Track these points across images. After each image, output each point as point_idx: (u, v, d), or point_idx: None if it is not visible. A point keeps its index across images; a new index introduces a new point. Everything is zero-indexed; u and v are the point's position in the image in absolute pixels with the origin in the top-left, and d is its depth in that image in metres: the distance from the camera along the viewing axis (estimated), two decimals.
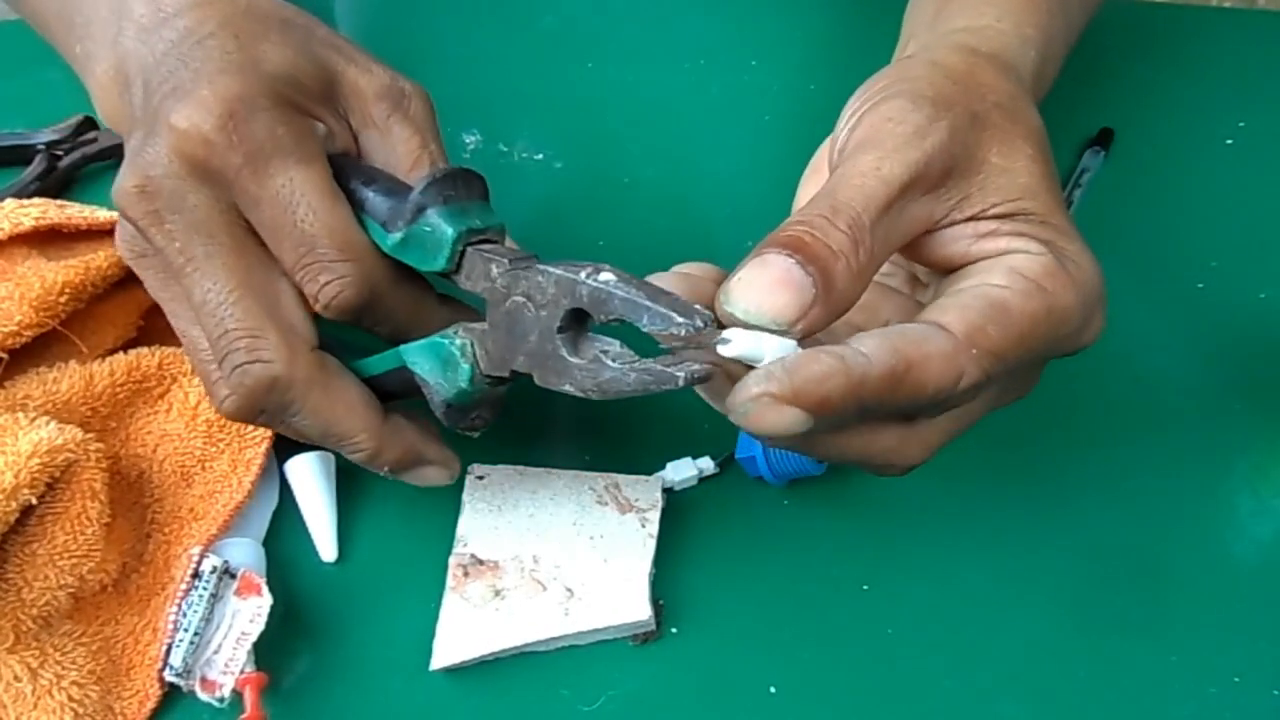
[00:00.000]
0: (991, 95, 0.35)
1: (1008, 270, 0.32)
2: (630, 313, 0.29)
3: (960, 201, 0.33)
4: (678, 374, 0.29)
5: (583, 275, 0.30)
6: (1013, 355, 0.31)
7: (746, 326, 0.30)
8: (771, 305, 0.29)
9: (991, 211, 0.33)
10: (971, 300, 0.31)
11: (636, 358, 0.30)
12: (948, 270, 0.34)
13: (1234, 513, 0.44)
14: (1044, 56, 0.42)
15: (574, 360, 0.31)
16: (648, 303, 0.29)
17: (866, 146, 0.32)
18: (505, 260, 0.33)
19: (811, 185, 0.40)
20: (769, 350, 0.29)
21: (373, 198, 0.35)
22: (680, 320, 0.28)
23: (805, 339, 0.30)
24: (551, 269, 0.31)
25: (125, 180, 0.35)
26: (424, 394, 0.36)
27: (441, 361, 0.35)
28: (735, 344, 0.29)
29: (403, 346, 0.36)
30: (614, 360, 0.30)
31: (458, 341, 0.35)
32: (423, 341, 0.36)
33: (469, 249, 0.34)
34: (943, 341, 0.30)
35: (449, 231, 0.34)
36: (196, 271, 0.35)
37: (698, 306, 0.29)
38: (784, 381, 0.28)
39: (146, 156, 0.35)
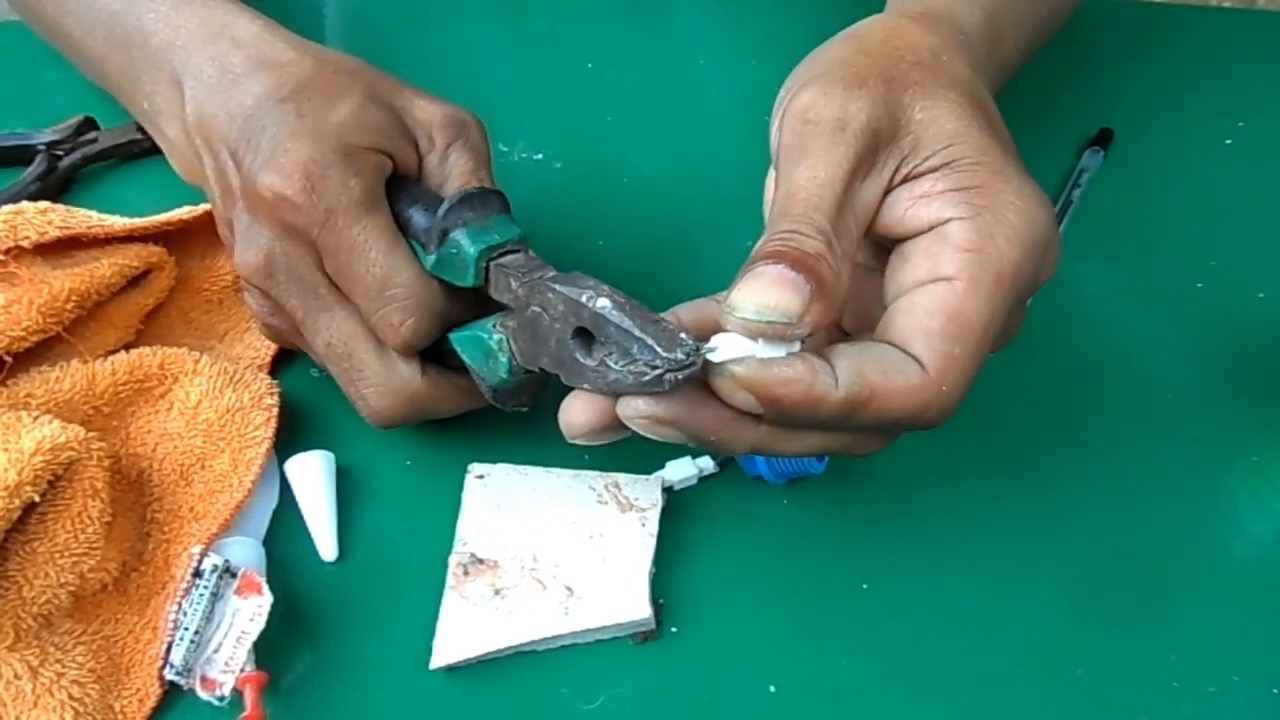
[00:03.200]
0: (910, 55, 0.36)
1: (952, 252, 0.33)
2: (622, 340, 0.32)
3: (897, 166, 0.34)
4: (666, 377, 0.31)
5: (583, 299, 0.33)
6: (980, 356, 0.33)
7: (749, 330, 0.31)
8: (777, 300, 0.31)
9: (924, 167, 0.34)
10: (931, 320, 0.32)
11: (634, 359, 0.32)
12: (896, 239, 0.35)
13: (1234, 513, 0.44)
14: (994, 15, 0.42)
15: (587, 363, 0.33)
16: (637, 333, 0.31)
17: (795, 156, 0.34)
18: (521, 274, 0.36)
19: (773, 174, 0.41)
20: (762, 353, 0.31)
21: (415, 219, 0.39)
22: (663, 354, 0.31)
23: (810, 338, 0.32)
24: (560, 288, 0.34)
25: (244, 255, 0.40)
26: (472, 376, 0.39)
27: (483, 354, 0.38)
28: (722, 349, 0.31)
29: (453, 335, 0.39)
30: (616, 364, 0.32)
31: (495, 336, 0.38)
32: (467, 332, 0.39)
33: (491, 265, 0.37)
34: (912, 375, 0.32)
35: (470, 251, 0.37)
36: (314, 325, 0.40)
37: (683, 336, 0.31)
38: (749, 370, 0.31)
39: (255, 231, 0.39)
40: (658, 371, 0.31)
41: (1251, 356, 0.48)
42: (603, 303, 0.32)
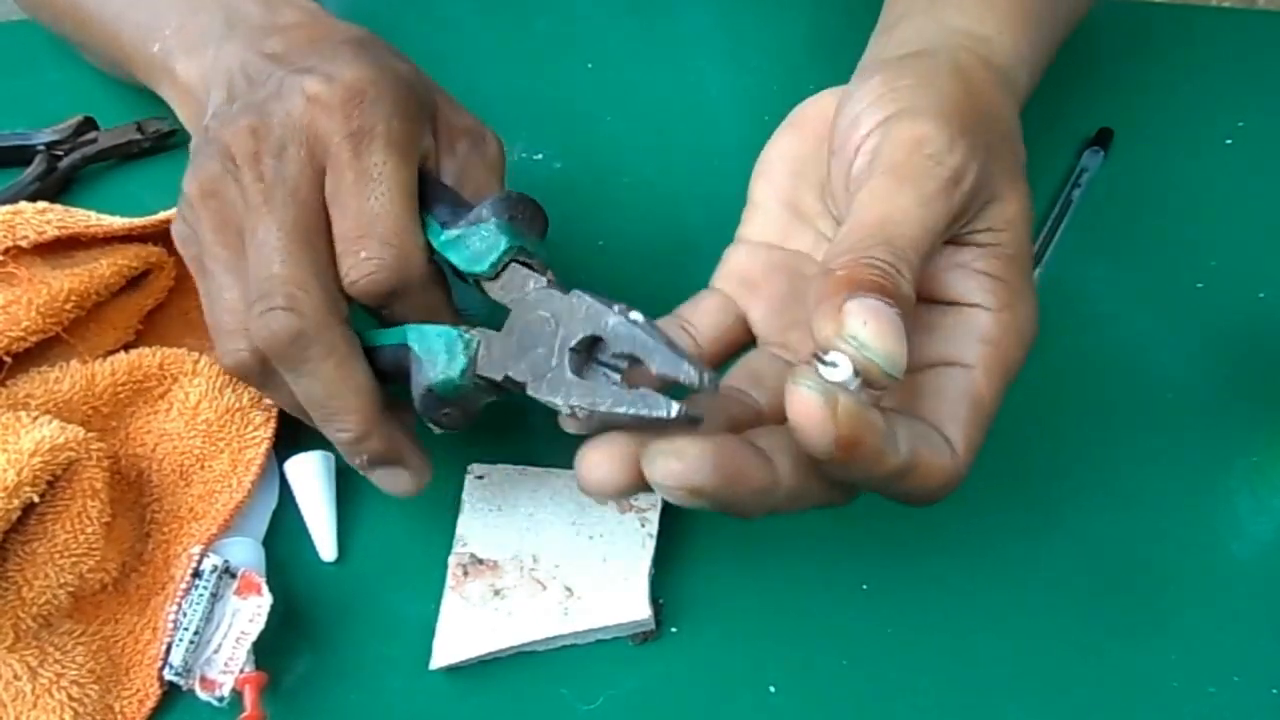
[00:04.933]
0: (1000, 124, 0.37)
1: (975, 341, 0.35)
2: (645, 352, 0.31)
3: (961, 225, 0.35)
4: (672, 404, 0.30)
5: (615, 309, 0.32)
6: (986, 435, 0.35)
7: (867, 371, 0.30)
8: (901, 355, 0.30)
9: (975, 238, 0.35)
10: (959, 407, 0.34)
11: (636, 388, 0.31)
12: (919, 290, 0.35)
13: (1234, 513, 0.44)
14: (1031, 80, 0.44)
15: (571, 377, 0.32)
16: (665, 347, 0.30)
17: (905, 184, 0.33)
18: (544, 280, 0.35)
19: (787, 139, 0.41)
20: (854, 386, 0.30)
21: (439, 204, 0.37)
22: (689, 369, 0.30)
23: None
24: (588, 296, 0.33)
25: (240, 117, 0.37)
26: (411, 377, 0.36)
27: (445, 346, 0.36)
28: (841, 369, 0.30)
29: (411, 328, 0.37)
30: (614, 383, 0.31)
31: (466, 335, 0.36)
32: (435, 327, 0.36)
33: (513, 263, 0.36)
34: (947, 459, 0.33)
35: (503, 240, 0.36)
36: (270, 214, 0.36)
37: (707, 371, 0.30)
38: (855, 404, 0.29)
39: (269, 106, 0.37)
40: (670, 406, 0.29)
41: (1251, 356, 0.48)
42: (636, 316, 0.32)
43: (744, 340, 0.39)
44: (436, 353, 0.36)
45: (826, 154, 0.37)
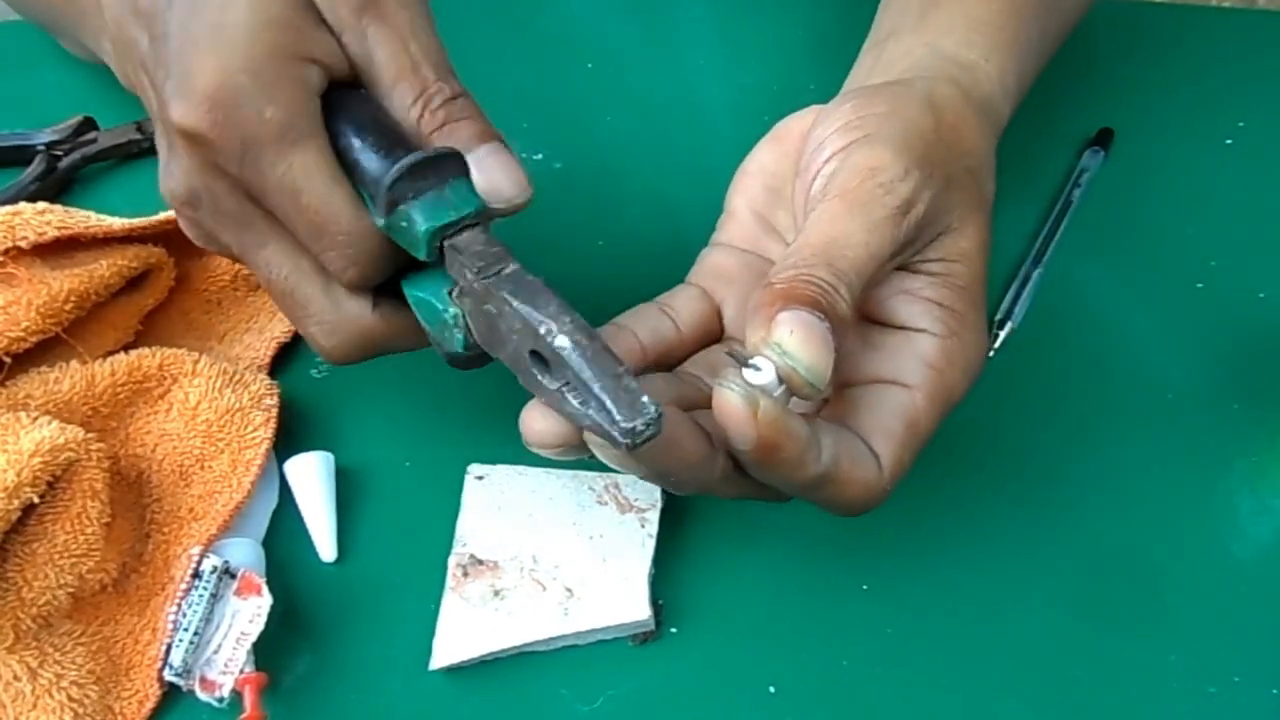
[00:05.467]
0: (967, 159, 0.38)
1: (918, 364, 0.35)
2: (580, 390, 0.29)
3: (912, 253, 0.36)
4: (624, 431, 0.29)
5: (541, 330, 0.30)
6: (915, 458, 0.35)
7: (789, 379, 0.31)
8: (824, 367, 0.31)
9: (925, 267, 0.36)
10: (894, 423, 0.35)
11: (596, 395, 0.29)
12: (866, 312, 0.37)
13: (1234, 513, 0.44)
14: (1014, 107, 0.45)
15: (543, 382, 0.31)
16: (596, 389, 0.29)
17: (855, 209, 0.34)
18: (476, 267, 0.32)
19: (766, 153, 0.41)
20: (778, 393, 0.31)
21: (361, 161, 0.34)
22: (621, 422, 0.28)
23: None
24: (518, 306, 0.31)
25: (167, 185, 0.36)
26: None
27: (439, 324, 0.35)
28: (764, 373, 0.31)
29: (407, 287, 0.35)
30: (574, 398, 0.30)
31: (451, 311, 0.34)
32: (422, 293, 0.35)
33: (446, 244, 0.33)
34: (870, 471, 0.34)
35: (421, 229, 0.33)
36: (254, 261, 0.36)
37: (644, 400, 0.29)
38: (774, 409, 0.30)
39: (174, 162, 0.35)
40: (612, 435, 0.29)
41: (1251, 356, 0.48)
42: (561, 342, 0.30)
43: (720, 333, 0.40)
44: (434, 327, 0.35)
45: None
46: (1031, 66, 0.46)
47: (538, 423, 0.32)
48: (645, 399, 0.29)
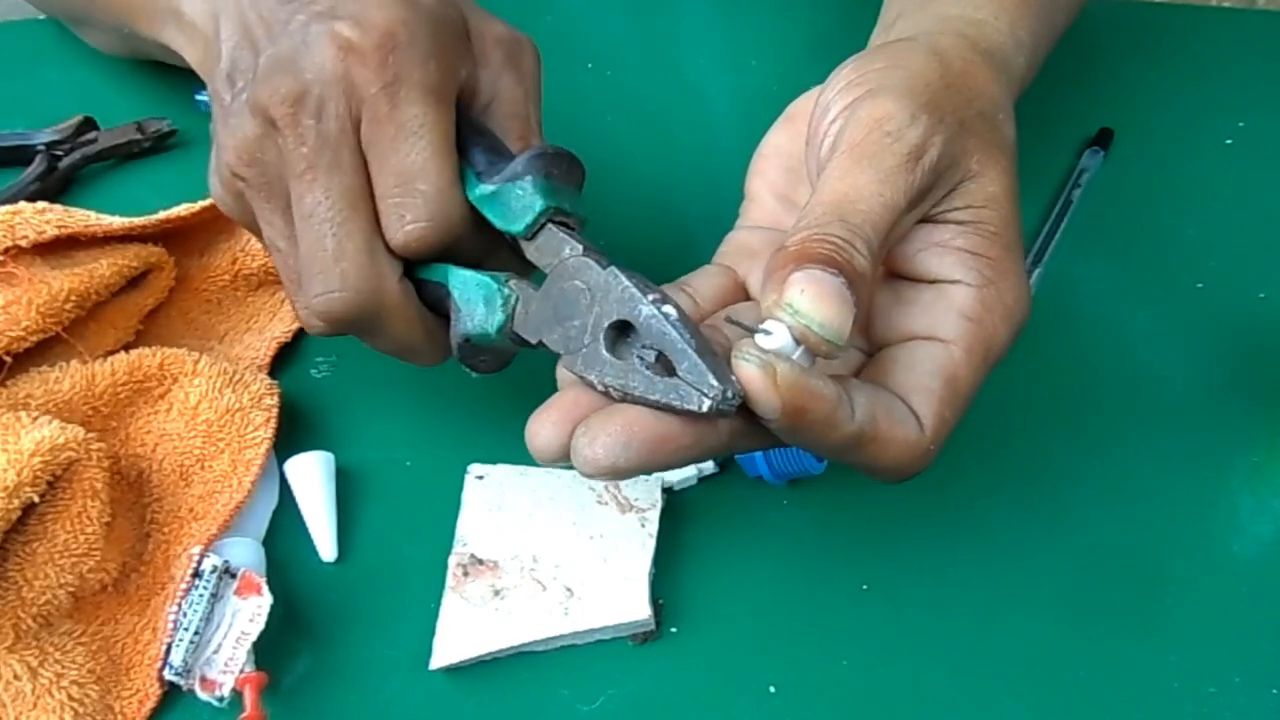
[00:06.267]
0: (979, 101, 0.36)
1: (955, 316, 0.34)
2: (673, 353, 0.30)
3: (934, 205, 0.35)
4: (704, 399, 0.29)
5: (649, 298, 0.31)
6: (959, 420, 0.34)
7: (804, 338, 0.30)
8: (840, 321, 0.30)
9: (952, 215, 0.35)
10: (932, 381, 0.33)
11: (679, 381, 0.30)
12: (898, 271, 0.36)
13: (1234, 513, 0.44)
14: (1030, 62, 0.43)
15: (607, 356, 0.32)
16: (693, 354, 0.30)
17: (864, 162, 0.33)
18: (580, 246, 0.34)
19: (780, 134, 0.41)
20: (797, 358, 0.30)
21: (474, 149, 0.37)
22: (713, 385, 0.29)
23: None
24: (624, 278, 0.32)
25: (272, 75, 0.35)
26: (450, 319, 0.37)
27: (483, 299, 0.36)
28: (776, 336, 0.30)
29: (453, 270, 0.37)
30: (647, 368, 0.31)
31: (505, 290, 0.35)
32: (476, 275, 0.36)
33: (549, 224, 0.35)
34: (911, 430, 0.32)
35: (539, 202, 0.35)
36: (315, 181, 0.35)
37: (734, 378, 0.30)
38: (793, 373, 0.29)
39: (300, 61, 0.35)
40: (703, 400, 0.29)
41: (1251, 356, 0.48)
42: (669, 309, 0.31)
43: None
44: (475, 304, 0.36)
45: None
46: (1045, 27, 0.45)
47: (545, 429, 0.32)
48: (734, 377, 0.30)
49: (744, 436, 0.32)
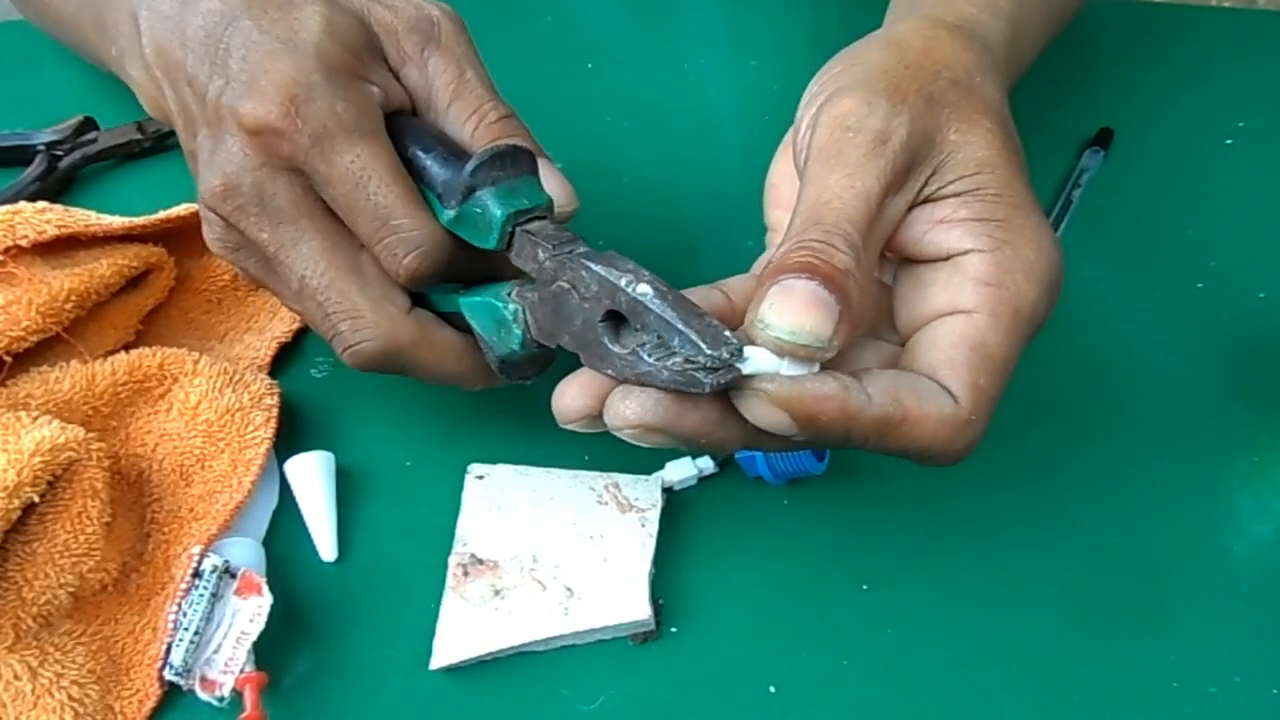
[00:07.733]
0: (947, 72, 0.36)
1: (971, 285, 0.33)
2: (663, 331, 0.30)
3: (923, 184, 0.34)
4: (705, 380, 0.29)
5: (622, 283, 0.31)
6: (1001, 388, 0.33)
7: (780, 349, 0.30)
8: (812, 324, 0.30)
9: (948, 190, 0.34)
10: (955, 351, 0.33)
11: (672, 353, 0.30)
12: (909, 258, 0.35)
13: (1234, 513, 0.44)
14: (1018, 28, 0.42)
15: (615, 349, 0.32)
16: (681, 326, 0.30)
17: (831, 161, 0.33)
18: (550, 246, 0.34)
19: (785, 160, 0.41)
20: (786, 370, 0.31)
21: (430, 167, 0.37)
22: (708, 351, 0.29)
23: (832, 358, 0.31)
24: (594, 267, 0.32)
25: (209, 181, 0.36)
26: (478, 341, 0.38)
27: (495, 323, 0.36)
28: (753, 362, 0.30)
29: (462, 297, 0.37)
30: (650, 355, 0.31)
31: (510, 306, 0.36)
32: (479, 298, 0.37)
33: (517, 230, 0.35)
34: (945, 405, 0.32)
35: (497, 214, 0.35)
36: (289, 259, 0.37)
37: (728, 334, 0.30)
38: (782, 387, 0.30)
39: (222, 155, 0.36)
40: (697, 368, 0.29)
41: (1251, 356, 0.48)
42: (643, 289, 0.30)
43: None
44: (490, 328, 0.36)
45: None
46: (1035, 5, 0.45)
47: (573, 399, 0.32)
48: (727, 333, 0.30)
49: (772, 437, 0.32)
